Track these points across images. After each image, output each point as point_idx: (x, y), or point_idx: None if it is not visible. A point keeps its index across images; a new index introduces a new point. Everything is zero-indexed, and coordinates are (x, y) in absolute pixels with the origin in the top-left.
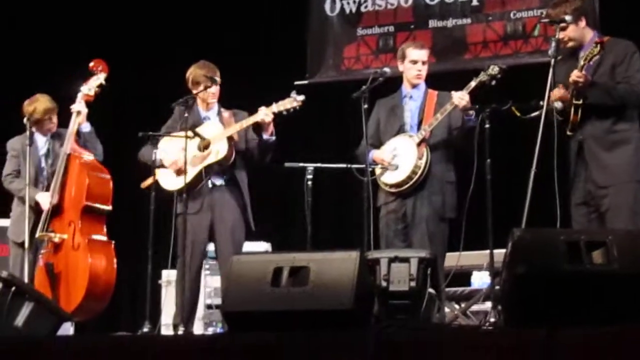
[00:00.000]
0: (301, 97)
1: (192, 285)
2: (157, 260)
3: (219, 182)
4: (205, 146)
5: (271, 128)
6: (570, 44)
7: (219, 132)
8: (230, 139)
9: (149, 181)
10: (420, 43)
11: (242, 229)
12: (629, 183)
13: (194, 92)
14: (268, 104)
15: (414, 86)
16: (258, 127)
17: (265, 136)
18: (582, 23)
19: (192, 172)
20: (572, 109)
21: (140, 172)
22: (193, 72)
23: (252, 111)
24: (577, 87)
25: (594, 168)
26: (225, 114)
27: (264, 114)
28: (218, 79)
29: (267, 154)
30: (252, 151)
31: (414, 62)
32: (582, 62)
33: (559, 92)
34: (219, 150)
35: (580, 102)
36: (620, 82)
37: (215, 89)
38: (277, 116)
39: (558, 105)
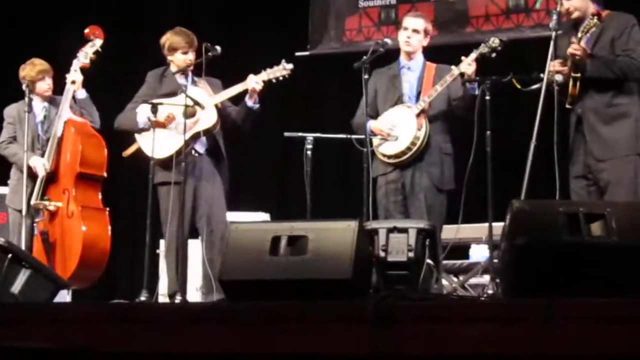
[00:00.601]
0: (290, 66)
1: (183, 254)
2: (155, 229)
3: (201, 149)
4: (191, 114)
5: (255, 96)
6: (576, 14)
7: (206, 100)
8: (216, 107)
9: (132, 149)
10: (419, 13)
11: (222, 196)
12: (629, 156)
13: (169, 57)
14: (257, 72)
15: (408, 55)
16: (239, 96)
17: (249, 103)
18: None
19: (179, 140)
20: (571, 82)
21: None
22: (170, 39)
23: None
24: (575, 60)
25: (593, 141)
26: (200, 82)
27: (255, 81)
28: (218, 48)
29: (248, 122)
30: (231, 117)
31: (405, 28)
32: (579, 35)
33: (557, 64)
34: (208, 118)
35: (579, 75)
36: (619, 55)
37: (192, 57)
38: (267, 84)
39: (559, 78)
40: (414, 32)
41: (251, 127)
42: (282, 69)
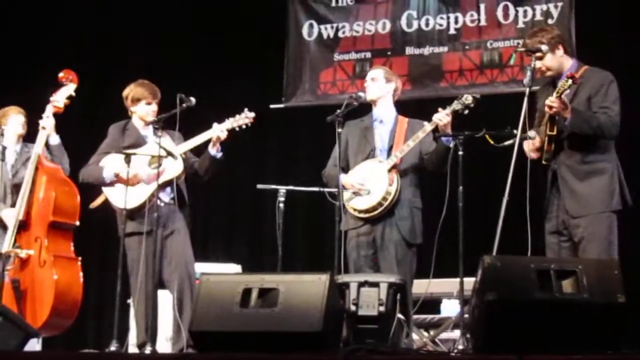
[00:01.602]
0: (252, 114)
1: (153, 304)
2: (126, 279)
3: (166, 198)
4: (155, 162)
5: (219, 145)
6: (548, 73)
7: (172, 149)
8: (182, 156)
9: (99, 200)
10: (381, 66)
11: (190, 246)
12: (603, 213)
13: (132, 109)
14: (220, 121)
15: (373, 102)
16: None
17: (212, 152)
18: (560, 51)
19: (147, 190)
20: (547, 139)
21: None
22: (133, 90)
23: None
24: (552, 113)
25: (568, 197)
26: (162, 134)
27: (220, 130)
28: (193, 99)
29: (211, 171)
30: (194, 167)
31: (366, 80)
32: (555, 95)
33: (537, 142)
34: (174, 167)
35: (554, 133)
36: (596, 112)
37: (155, 108)
38: (230, 133)
39: (532, 134)
40: (371, 81)
41: (211, 177)
42: (244, 117)
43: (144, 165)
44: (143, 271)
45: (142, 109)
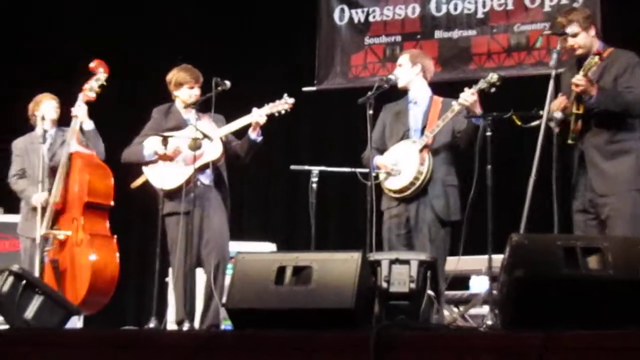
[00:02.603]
0: (291, 100)
1: (191, 283)
2: (165, 259)
3: (206, 181)
4: (197, 146)
5: (259, 129)
6: (579, 51)
7: (212, 132)
8: (221, 139)
9: (140, 180)
10: (407, 50)
11: (227, 227)
12: (630, 192)
13: (175, 93)
14: (254, 104)
15: (402, 88)
16: (243, 129)
17: (252, 136)
18: (592, 32)
19: (186, 172)
20: (573, 118)
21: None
22: (176, 75)
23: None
24: (578, 91)
25: (595, 177)
26: (204, 117)
27: (258, 115)
28: (228, 82)
29: (250, 154)
30: (233, 150)
31: (397, 65)
32: (582, 73)
33: (560, 100)
34: (213, 150)
35: (581, 111)
36: (623, 91)
37: (198, 92)
38: (269, 118)
39: (558, 115)
40: (398, 67)
41: (251, 160)
42: (284, 103)
43: (184, 148)
44: (182, 250)
45: (185, 93)
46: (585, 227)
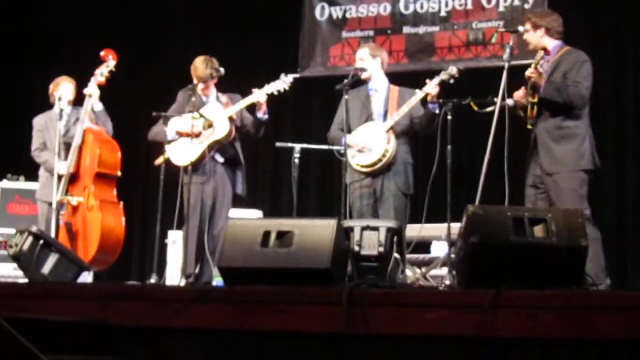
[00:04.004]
0: (289, 78)
1: (198, 244)
2: (164, 223)
3: (220, 159)
4: (209, 125)
5: (264, 107)
6: (529, 46)
7: (220, 113)
8: (230, 118)
9: (162, 158)
10: (364, 44)
11: (231, 200)
12: (573, 171)
13: (196, 81)
14: (261, 87)
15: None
16: (253, 108)
17: (259, 115)
18: (540, 32)
19: (199, 148)
20: (529, 106)
21: (151, 148)
22: (196, 66)
23: (247, 95)
24: (530, 83)
25: (544, 157)
26: (223, 97)
27: (258, 94)
28: (222, 69)
29: (261, 130)
30: (247, 128)
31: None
32: (533, 66)
33: (523, 90)
34: (221, 128)
35: (536, 100)
36: (569, 85)
37: (212, 82)
38: (270, 97)
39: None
40: (360, 61)
41: (264, 134)
42: (282, 82)
43: (200, 128)
44: (197, 214)
45: (200, 86)
46: (535, 200)
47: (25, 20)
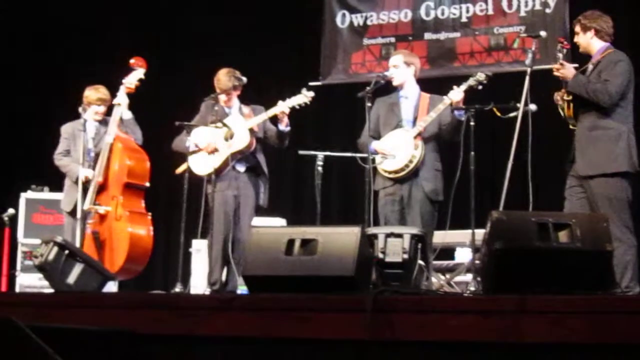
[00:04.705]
0: (311, 94)
1: (224, 251)
2: (188, 232)
3: (241, 168)
4: (230, 136)
5: (286, 120)
6: (580, 49)
7: (241, 124)
8: (251, 130)
9: (182, 167)
10: (399, 51)
11: (254, 211)
12: (607, 175)
13: (218, 92)
14: (284, 99)
15: (400, 85)
16: (275, 118)
17: (281, 127)
18: (590, 34)
19: (220, 158)
20: (565, 105)
21: (174, 157)
22: (218, 78)
23: (271, 105)
24: (557, 76)
25: (579, 159)
26: (245, 109)
27: (281, 107)
28: (244, 78)
29: (283, 142)
30: (270, 139)
31: (389, 66)
32: (559, 61)
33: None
34: (241, 139)
35: (570, 97)
36: (597, 82)
37: (235, 93)
38: (291, 109)
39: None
40: (393, 68)
41: (287, 145)
42: (303, 97)
43: (221, 138)
44: (220, 222)
45: (223, 97)
46: (576, 204)
47: (56, 28)
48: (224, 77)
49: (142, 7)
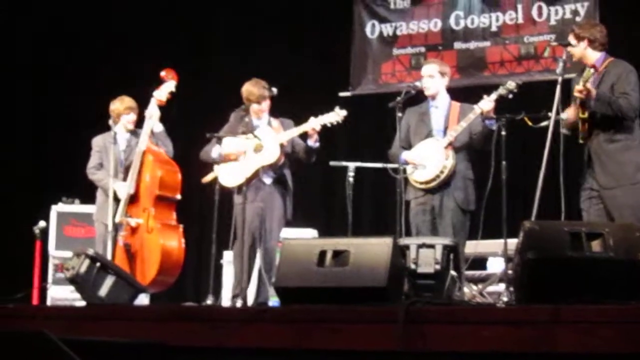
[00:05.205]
0: (343, 112)
1: (249, 261)
2: (220, 243)
3: (268, 181)
4: (259, 149)
5: (316, 136)
6: (574, 59)
7: (271, 138)
8: (280, 145)
9: (210, 176)
10: (432, 60)
11: (283, 220)
12: (632, 185)
13: (247, 104)
14: (316, 115)
15: (431, 96)
16: (305, 134)
17: (310, 143)
18: (583, 44)
19: (248, 171)
20: (580, 122)
21: (205, 169)
22: (247, 89)
23: (300, 119)
24: (580, 100)
25: (600, 172)
26: (275, 122)
27: (314, 123)
28: (274, 89)
29: (311, 157)
30: (298, 154)
31: (422, 76)
32: (581, 83)
33: (574, 108)
34: (271, 153)
35: (586, 115)
36: (618, 97)
37: (266, 104)
38: (322, 126)
39: (564, 116)
40: (429, 78)
41: (314, 161)
42: (336, 115)
43: (250, 150)
44: (244, 234)
45: (255, 107)
46: (593, 214)
47: (84, 38)
48: (253, 88)
49: (172, 17)
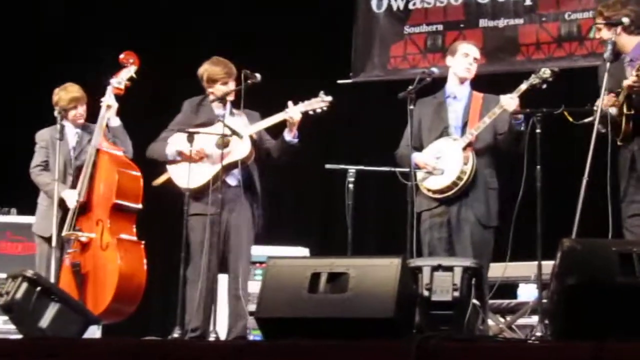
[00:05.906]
0: (329, 98)
1: (210, 287)
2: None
3: (233, 182)
4: (224, 144)
5: (295, 129)
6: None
7: (241, 130)
8: (251, 138)
9: (162, 179)
10: (474, 42)
11: (252, 234)
12: None
13: (209, 90)
14: (295, 103)
15: (462, 81)
16: (280, 128)
17: (288, 137)
18: (617, 28)
19: (211, 171)
20: (624, 119)
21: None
22: (208, 70)
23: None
24: (631, 92)
25: None
26: (238, 113)
27: (293, 112)
28: (258, 75)
29: (285, 156)
30: (267, 151)
31: (466, 54)
32: (634, 73)
33: (608, 99)
34: (241, 149)
35: (632, 112)
36: None
37: (233, 85)
38: (304, 117)
39: (613, 111)
40: (474, 61)
41: (287, 162)
42: (320, 101)
43: (211, 145)
44: (206, 254)
45: (219, 90)
46: (633, 234)
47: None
48: (216, 66)
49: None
